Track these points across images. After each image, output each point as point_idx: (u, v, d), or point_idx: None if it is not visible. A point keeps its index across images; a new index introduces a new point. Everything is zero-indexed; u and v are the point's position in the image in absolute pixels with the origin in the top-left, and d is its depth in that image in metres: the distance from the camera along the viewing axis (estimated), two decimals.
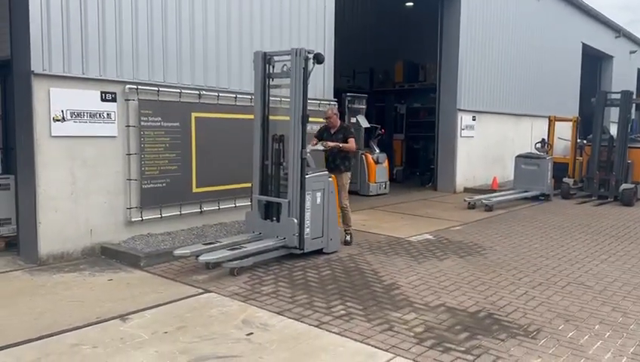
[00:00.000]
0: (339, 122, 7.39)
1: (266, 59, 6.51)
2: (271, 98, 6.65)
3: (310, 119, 6.44)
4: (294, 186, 6.30)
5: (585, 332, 4.37)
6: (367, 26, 18.54)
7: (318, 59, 6.27)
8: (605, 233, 8.56)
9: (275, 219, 6.48)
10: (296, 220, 6.26)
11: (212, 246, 6.05)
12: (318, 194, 6.52)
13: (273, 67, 6.54)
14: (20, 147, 6.21)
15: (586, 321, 4.62)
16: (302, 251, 6.36)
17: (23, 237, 6.38)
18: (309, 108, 6.36)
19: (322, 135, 7.36)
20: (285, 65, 6.40)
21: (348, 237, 7.18)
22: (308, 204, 6.37)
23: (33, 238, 6.10)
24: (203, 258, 5.64)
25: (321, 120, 8.30)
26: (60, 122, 6.06)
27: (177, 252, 5.86)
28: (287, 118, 6.36)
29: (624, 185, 11.84)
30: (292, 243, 6.30)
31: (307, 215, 6.36)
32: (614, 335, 4.32)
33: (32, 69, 5.83)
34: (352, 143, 7.15)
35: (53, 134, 6.03)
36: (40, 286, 5.36)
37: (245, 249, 5.98)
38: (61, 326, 4.27)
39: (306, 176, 6.33)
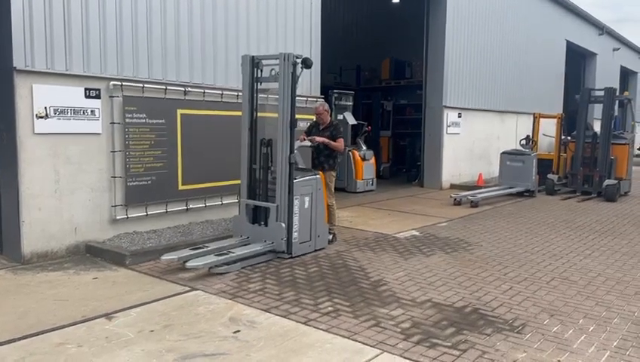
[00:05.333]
0: (329, 119, 7.35)
1: (254, 63, 6.47)
2: (259, 103, 6.60)
3: (297, 116, 6.41)
4: (282, 191, 6.29)
5: (569, 327, 4.42)
6: (354, 23, 18.58)
7: (307, 63, 6.25)
8: (589, 228, 8.67)
9: (263, 223, 6.44)
10: (284, 225, 6.24)
11: (199, 251, 5.97)
12: (306, 199, 6.51)
13: (261, 71, 6.51)
14: (3, 144, 6.11)
15: (570, 316, 4.68)
16: (290, 256, 6.33)
17: (7, 236, 6.30)
18: (295, 104, 6.34)
19: (311, 131, 7.34)
20: (273, 69, 6.36)
21: (331, 237, 7.10)
22: (296, 208, 6.35)
23: (16, 237, 6.02)
24: (190, 264, 5.57)
25: (308, 117, 8.30)
26: (43, 119, 5.98)
27: (164, 257, 5.78)
28: (276, 122, 6.31)
29: (607, 181, 11.99)
30: (280, 248, 6.27)
31: (295, 219, 6.34)
32: (598, 330, 4.37)
33: (14, 65, 5.73)
34: (340, 143, 7.12)
35: (36, 131, 5.94)
36: (24, 285, 5.29)
37: (233, 254, 5.92)
38: (45, 326, 4.23)
39: (295, 181, 6.31)
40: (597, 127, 13.43)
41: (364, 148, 12.79)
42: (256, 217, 6.54)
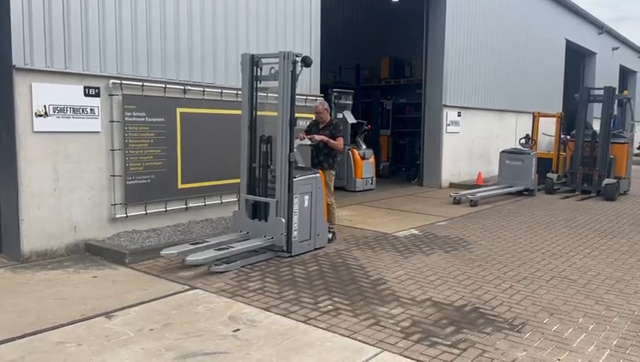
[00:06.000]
0: (329, 118, 7.34)
1: (253, 62, 6.46)
2: (259, 102, 6.59)
3: (297, 114, 6.40)
4: (282, 189, 6.29)
5: (569, 326, 4.42)
6: (353, 22, 18.57)
7: (306, 62, 6.24)
8: (588, 227, 8.67)
9: (263, 219, 6.43)
10: (284, 219, 6.23)
11: (199, 246, 5.97)
12: (306, 197, 6.51)
13: (261, 69, 6.50)
14: (2, 143, 6.10)
15: (570, 314, 4.68)
16: (290, 254, 6.32)
17: (6, 235, 6.29)
18: (295, 103, 6.33)
19: (311, 130, 7.33)
20: (273, 67, 6.35)
21: (330, 235, 7.10)
22: (296, 207, 6.34)
23: (16, 235, 6.01)
24: (190, 258, 5.56)
25: (307, 115, 8.29)
26: (42, 117, 5.96)
27: (164, 252, 5.80)
28: (275, 121, 6.31)
29: (607, 180, 11.99)
30: (280, 243, 6.26)
31: (295, 218, 6.34)
32: (598, 328, 4.37)
33: (13, 64, 5.72)
34: (339, 142, 7.11)
35: (35, 130, 5.93)
36: (23, 284, 5.28)
37: (233, 249, 5.92)
38: (45, 324, 4.22)
39: (294, 179, 6.30)
40: (596, 126, 13.42)
41: (364, 147, 12.79)
42: (256, 214, 6.53)
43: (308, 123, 7.69)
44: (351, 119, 12.57)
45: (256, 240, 6.28)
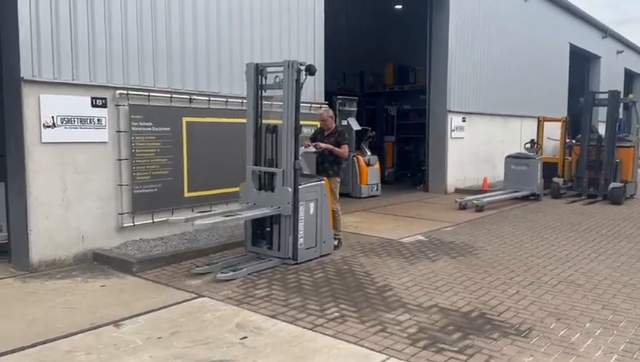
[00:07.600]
0: (334, 125, 7.38)
1: (258, 71, 6.50)
2: (264, 110, 6.62)
3: (301, 122, 6.44)
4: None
5: (576, 331, 4.41)
6: (357, 29, 18.61)
7: (311, 70, 6.28)
8: (595, 231, 8.65)
9: (269, 190, 6.46)
10: (290, 189, 6.22)
11: (206, 213, 6.09)
12: (312, 205, 6.53)
13: (265, 78, 6.53)
14: (11, 153, 6.17)
15: (576, 319, 4.67)
16: (295, 262, 6.34)
17: (15, 244, 6.34)
18: (300, 111, 6.36)
19: (316, 137, 7.36)
20: (278, 76, 6.39)
21: (336, 242, 7.12)
22: (301, 214, 6.37)
23: (24, 245, 6.06)
24: (198, 223, 5.65)
25: (312, 123, 8.34)
26: (50, 128, 6.03)
27: (172, 218, 5.95)
28: (280, 128, 6.34)
29: (613, 184, 11.97)
30: (286, 213, 6.24)
31: (300, 225, 6.36)
32: (605, 333, 4.37)
33: (21, 75, 5.80)
34: (344, 149, 7.14)
35: (43, 140, 6.00)
36: (32, 293, 5.33)
37: (240, 216, 6.02)
38: (54, 333, 4.26)
39: (300, 187, 6.32)
40: (602, 130, 13.39)
41: (369, 153, 12.81)
42: (261, 225, 6.54)
43: (313, 130, 7.72)
44: (355, 126, 12.60)
45: (264, 209, 6.30)
